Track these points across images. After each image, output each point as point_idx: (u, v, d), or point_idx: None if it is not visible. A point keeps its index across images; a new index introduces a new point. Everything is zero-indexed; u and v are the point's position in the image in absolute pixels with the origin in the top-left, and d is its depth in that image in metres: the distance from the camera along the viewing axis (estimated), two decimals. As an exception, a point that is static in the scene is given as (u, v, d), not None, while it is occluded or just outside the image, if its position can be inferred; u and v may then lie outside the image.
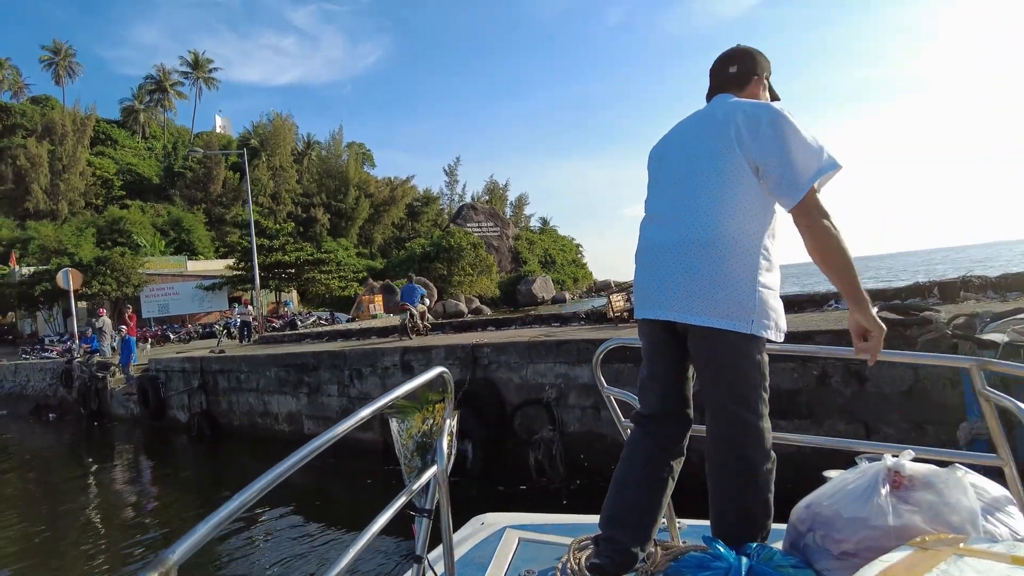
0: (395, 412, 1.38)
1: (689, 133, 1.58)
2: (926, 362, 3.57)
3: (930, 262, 56.47)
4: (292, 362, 8.94)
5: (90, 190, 41.51)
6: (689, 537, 1.73)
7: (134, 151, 50.26)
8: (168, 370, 11.59)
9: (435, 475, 1.29)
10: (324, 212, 46.70)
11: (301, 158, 52.80)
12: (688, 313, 1.44)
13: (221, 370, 10.22)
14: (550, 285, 43.10)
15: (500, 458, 6.27)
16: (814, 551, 1.30)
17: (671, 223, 1.51)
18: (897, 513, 1.19)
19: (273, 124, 50.33)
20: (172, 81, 55.45)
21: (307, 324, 23.14)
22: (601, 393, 1.82)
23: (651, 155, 1.70)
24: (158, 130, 55.02)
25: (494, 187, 61.61)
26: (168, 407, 11.43)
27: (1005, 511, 1.24)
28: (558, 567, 1.57)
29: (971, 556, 0.99)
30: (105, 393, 13.17)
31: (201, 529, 0.66)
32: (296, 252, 29.66)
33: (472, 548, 1.80)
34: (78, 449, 11.29)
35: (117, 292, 26.60)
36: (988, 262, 39.24)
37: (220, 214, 44.03)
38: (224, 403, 10.17)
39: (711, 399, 1.48)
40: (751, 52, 1.65)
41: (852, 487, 1.29)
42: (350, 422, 1.01)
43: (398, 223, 52.00)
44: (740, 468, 1.43)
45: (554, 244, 54.32)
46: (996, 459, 1.36)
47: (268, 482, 0.78)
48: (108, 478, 8.73)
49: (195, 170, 46.49)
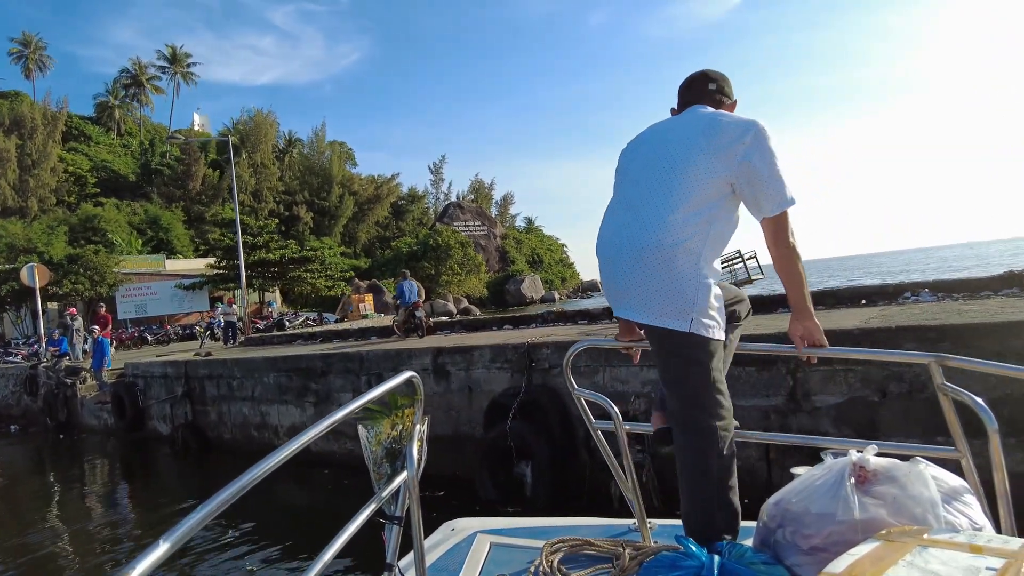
0: (363, 418, 1.35)
1: (664, 135, 1.61)
2: (887, 359, 3.43)
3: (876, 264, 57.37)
4: (296, 366, 7.95)
5: (62, 187, 40.05)
6: (661, 537, 1.73)
7: (109, 148, 48.71)
8: (147, 376, 10.47)
9: (405, 481, 1.26)
10: (307, 210, 45.76)
11: (283, 156, 51.76)
12: (640, 312, 1.53)
13: (209, 375, 9.23)
14: (539, 285, 42.79)
15: (570, 486, 5.27)
16: (784, 547, 1.32)
17: (629, 224, 1.57)
18: (863, 507, 1.22)
19: (254, 120, 49.16)
20: (148, 76, 53.88)
21: (295, 325, 22.38)
22: (572, 395, 1.82)
23: (622, 155, 1.74)
24: (134, 127, 53.48)
25: (479, 186, 60.85)
26: (147, 417, 10.33)
27: (963, 501, 1.28)
28: (530, 571, 1.56)
29: (935, 547, 1.03)
30: (75, 402, 11.92)
31: (163, 544, 0.64)
32: (280, 250, 28.78)
33: (443, 554, 1.77)
34: (43, 465, 10.28)
35: (90, 292, 25.56)
36: (956, 262, 39.80)
37: (199, 212, 42.85)
38: (213, 413, 9.12)
39: (669, 401, 1.59)
40: (725, 77, 1.72)
41: (819, 483, 1.31)
42: (317, 429, 0.97)
43: (382, 222, 51.23)
44: (696, 470, 1.49)
45: (541, 244, 54.01)
46: (954, 452, 1.41)
47: (232, 493, 0.76)
48: (76, 497, 7.95)
49: (173, 167, 45.26)
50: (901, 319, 4.80)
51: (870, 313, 5.76)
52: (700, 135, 1.52)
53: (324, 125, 61.80)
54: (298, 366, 7.98)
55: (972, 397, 1.31)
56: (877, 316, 5.33)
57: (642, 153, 1.64)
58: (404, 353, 6.98)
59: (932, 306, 5.83)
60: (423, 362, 6.66)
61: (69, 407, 12.08)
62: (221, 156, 48.13)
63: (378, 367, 7.11)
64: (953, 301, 6.10)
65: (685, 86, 1.73)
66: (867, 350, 2.48)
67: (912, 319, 4.74)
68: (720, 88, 1.68)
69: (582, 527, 1.87)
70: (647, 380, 5.07)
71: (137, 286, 29.44)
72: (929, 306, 5.87)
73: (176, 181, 44.20)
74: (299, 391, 7.93)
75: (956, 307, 5.43)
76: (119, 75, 53.46)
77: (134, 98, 53.80)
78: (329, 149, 52.48)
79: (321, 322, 23.65)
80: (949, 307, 5.51)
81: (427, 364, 6.60)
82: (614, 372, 5.33)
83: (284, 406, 8.12)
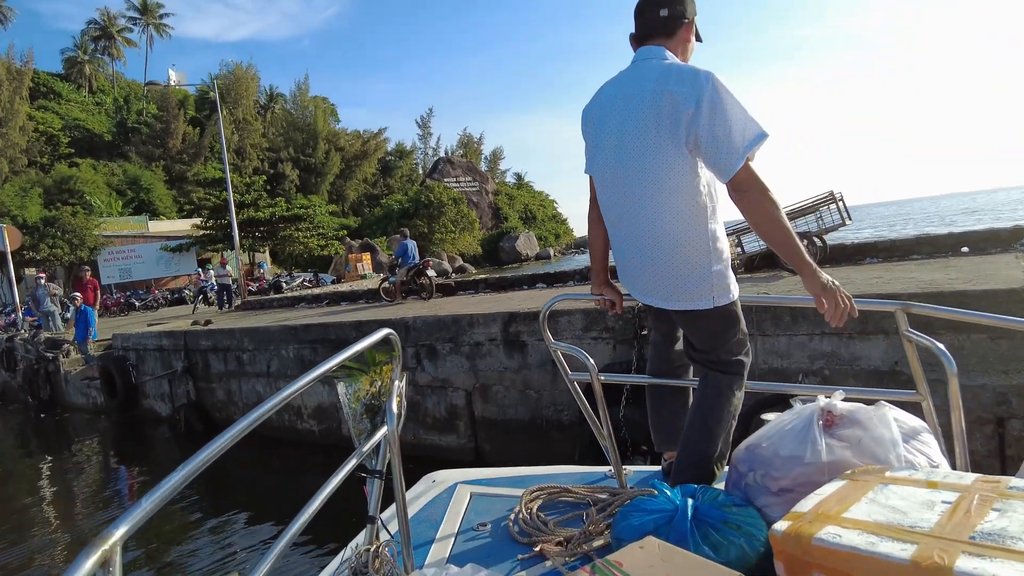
0: (342, 375, 1.37)
1: (622, 106, 1.53)
2: (860, 307, 2.94)
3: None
4: (323, 336, 6.61)
5: (33, 147, 37.42)
6: (636, 483, 1.79)
7: (81, 106, 45.65)
8: (140, 348, 9.16)
9: (385, 436, 1.28)
10: (293, 168, 43.59)
11: (264, 111, 49.03)
12: (661, 300, 1.57)
13: (214, 348, 7.93)
14: (534, 242, 41.38)
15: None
16: (754, 489, 1.36)
17: (624, 220, 1.59)
18: (830, 450, 1.27)
19: (234, 74, 46.05)
20: (119, 27, 50.22)
21: (292, 286, 21.10)
22: (549, 349, 1.82)
23: (584, 120, 1.67)
24: (106, 84, 50.11)
25: (468, 140, 57.85)
26: (142, 396, 9.17)
27: (922, 441, 1.33)
28: (511, 518, 1.61)
29: (895, 484, 1.09)
30: (58, 377, 10.68)
31: (145, 504, 0.65)
32: (270, 208, 27.08)
33: (425, 506, 1.80)
34: (25, 445, 9.30)
35: (70, 256, 24.09)
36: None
37: (181, 172, 40.64)
38: (220, 391, 7.87)
39: (699, 354, 1.65)
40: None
41: (788, 428, 1.36)
42: (294, 387, 0.97)
43: (370, 180, 49.18)
44: (716, 408, 1.59)
45: (533, 199, 52.21)
46: (915, 395, 1.49)
47: (213, 451, 0.77)
48: (61, 479, 7.03)
49: (151, 125, 42.67)
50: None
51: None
52: (646, 116, 1.46)
53: (307, 78, 58.75)
54: (326, 336, 6.58)
55: (933, 342, 1.38)
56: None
57: (603, 122, 1.58)
58: (463, 320, 5.51)
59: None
60: (490, 331, 5.32)
61: (52, 383, 10.83)
62: (201, 113, 45.51)
63: (428, 336, 5.72)
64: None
65: (638, 12, 1.58)
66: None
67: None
68: (673, 13, 1.53)
69: (560, 475, 1.92)
70: (817, 353, 3.83)
71: (120, 249, 28.02)
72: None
73: (155, 139, 41.73)
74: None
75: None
76: (87, 27, 49.81)
77: (104, 51, 50.25)
78: (313, 104, 49.69)
79: (317, 283, 22.39)
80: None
81: (495, 333, 5.27)
82: (769, 343, 3.97)
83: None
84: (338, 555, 1.41)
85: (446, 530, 1.63)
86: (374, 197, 46.92)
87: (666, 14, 1.52)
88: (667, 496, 1.33)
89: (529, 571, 1.38)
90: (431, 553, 1.51)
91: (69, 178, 31.78)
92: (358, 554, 1.27)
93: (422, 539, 1.58)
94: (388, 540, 1.35)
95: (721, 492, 1.38)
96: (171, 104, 42.66)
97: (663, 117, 1.42)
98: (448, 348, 5.59)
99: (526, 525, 1.55)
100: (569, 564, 1.36)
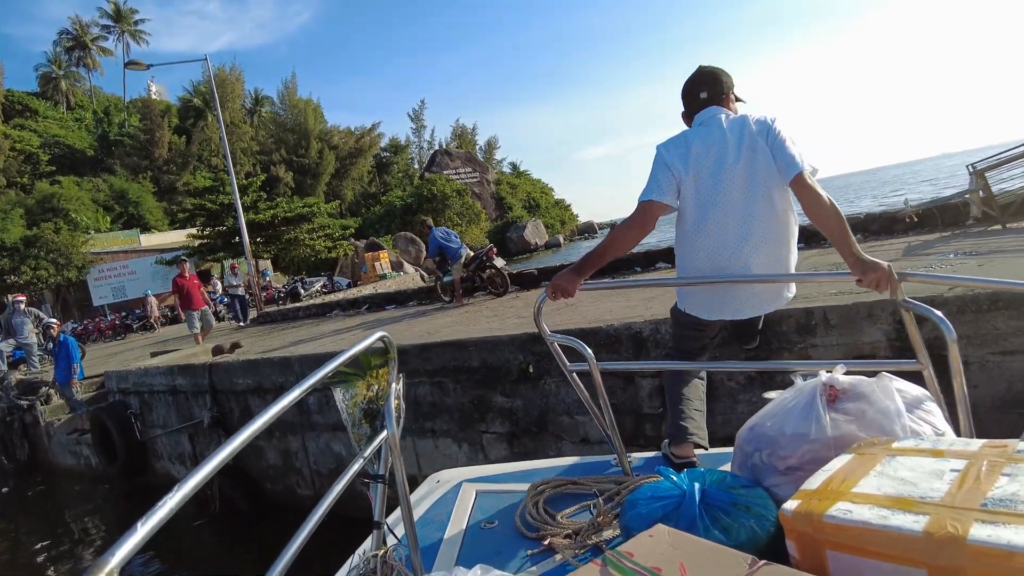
0: (338, 381, 1.37)
1: (726, 146, 1.84)
2: (847, 280, 2.73)
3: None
4: (459, 364, 4.35)
5: (11, 166, 36.81)
6: (641, 470, 1.80)
7: (60, 122, 44.95)
8: (144, 391, 6.91)
9: (386, 439, 1.27)
10: (286, 170, 43.13)
11: (252, 116, 48.44)
12: (769, 304, 1.97)
13: (258, 388, 5.56)
14: (542, 230, 41.35)
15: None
16: (761, 469, 1.35)
17: (751, 234, 1.85)
18: (835, 425, 1.27)
19: (219, 77, 45.38)
20: (92, 36, 49.31)
21: (311, 292, 20.00)
22: (546, 341, 1.80)
23: (672, 155, 1.89)
24: (84, 99, 49.28)
25: (462, 132, 57.51)
26: (152, 455, 7.00)
27: (926, 409, 1.32)
28: (518, 514, 1.60)
29: (902, 455, 1.08)
30: (37, 431, 8.39)
31: (140, 529, 0.64)
32: (271, 210, 25.89)
33: (430, 507, 1.79)
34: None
35: (56, 277, 23.32)
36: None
37: (170, 182, 40.20)
38: (273, 453, 5.57)
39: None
40: (716, 73, 1.96)
41: (792, 405, 1.36)
42: (292, 395, 0.96)
43: (366, 178, 48.77)
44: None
45: (533, 188, 52.03)
46: (916, 364, 1.47)
47: (207, 472, 0.75)
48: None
49: (135, 136, 42.11)
50: None
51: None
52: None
53: (295, 76, 57.88)
54: (467, 364, 4.29)
55: (931, 310, 1.38)
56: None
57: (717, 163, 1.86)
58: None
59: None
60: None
61: (30, 439, 8.53)
62: (185, 121, 44.90)
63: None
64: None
65: (692, 90, 1.98)
66: (832, 273, 2.44)
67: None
68: (716, 91, 1.95)
69: (564, 467, 1.92)
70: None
71: (111, 266, 27.30)
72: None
73: (140, 150, 41.21)
74: (465, 412, 4.36)
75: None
76: (59, 37, 48.85)
77: (79, 62, 49.37)
78: (303, 103, 49.13)
79: (332, 287, 21.50)
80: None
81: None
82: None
83: (435, 439, 4.51)
84: (345, 563, 1.39)
85: (453, 530, 1.61)
86: (371, 196, 46.51)
87: (712, 92, 1.95)
88: (673, 481, 1.31)
89: (540, 566, 1.36)
90: (439, 555, 1.49)
91: (51, 196, 31.15)
92: (365, 560, 1.26)
93: (429, 541, 1.56)
94: (395, 544, 1.33)
95: (728, 474, 1.37)
96: (154, 113, 42.09)
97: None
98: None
99: (533, 520, 1.53)
100: (580, 557, 1.35)
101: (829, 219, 1.63)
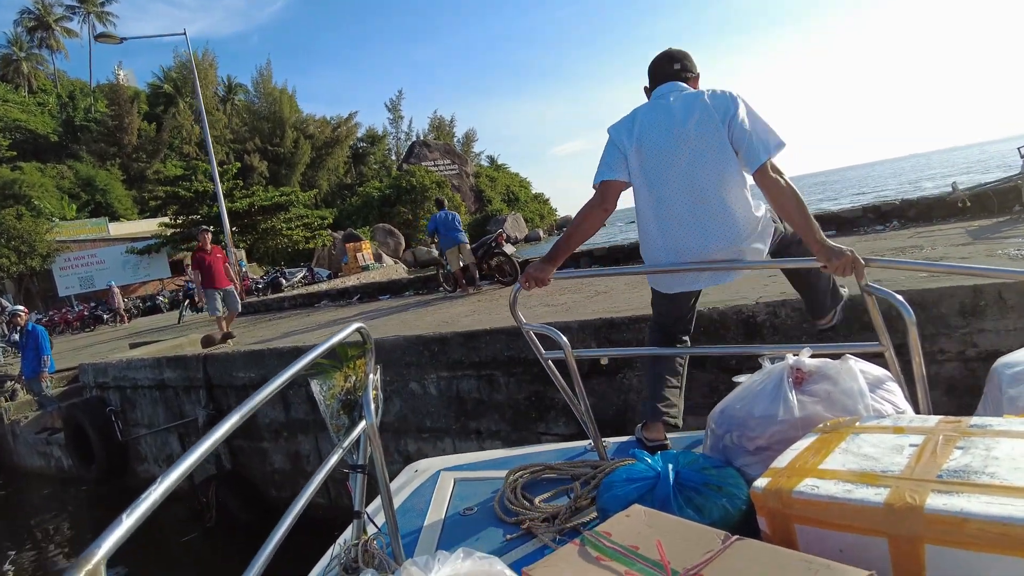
0: (315, 373, 1.37)
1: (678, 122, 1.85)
2: (817, 265, 2.88)
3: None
4: (480, 358, 3.93)
5: (-32, 152, 35.39)
6: (616, 454, 1.84)
7: (21, 106, 43.02)
8: (126, 385, 6.32)
9: (365, 430, 1.28)
10: (260, 159, 42.21)
11: (224, 104, 47.15)
12: (724, 276, 2.03)
13: (261, 382, 3.85)
14: (521, 223, 41.42)
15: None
16: (732, 450, 1.40)
17: (698, 205, 1.88)
18: (802, 405, 1.32)
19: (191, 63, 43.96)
20: (56, 16, 47.32)
21: (292, 283, 19.68)
22: (522, 330, 1.84)
23: (622, 135, 1.93)
24: (47, 83, 47.33)
25: (440, 123, 56.72)
26: (134, 458, 6.41)
27: (887, 389, 1.37)
28: (496, 500, 1.62)
29: (865, 433, 1.13)
30: (1, 429, 7.92)
31: (126, 521, 0.63)
32: (247, 198, 25.24)
33: (409, 496, 1.81)
34: None
35: (19, 266, 22.48)
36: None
37: (140, 170, 38.97)
38: (278, 455, 5.13)
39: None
40: (684, 53, 2.00)
41: (760, 388, 1.40)
42: (268, 390, 0.93)
43: (342, 169, 48.01)
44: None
45: (512, 181, 51.88)
46: (878, 346, 1.54)
47: (190, 464, 0.73)
48: None
49: (102, 122, 40.62)
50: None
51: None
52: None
53: (269, 63, 56.52)
54: (522, 355, 3.73)
55: (891, 294, 1.45)
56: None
57: (670, 142, 1.86)
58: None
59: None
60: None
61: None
62: (155, 108, 43.48)
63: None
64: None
65: (659, 66, 2.00)
66: (800, 260, 2.10)
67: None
68: (687, 65, 1.98)
69: (540, 453, 1.94)
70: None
71: (78, 255, 26.34)
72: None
73: (107, 137, 39.77)
74: (520, 410, 3.86)
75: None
76: (20, 16, 46.80)
77: (42, 44, 47.39)
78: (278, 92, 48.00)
79: (313, 278, 21.21)
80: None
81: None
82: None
83: (480, 441, 4.03)
84: (327, 552, 1.39)
85: (433, 518, 1.63)
86: (348, 187, 45.83)
87: (679, 67, 1.97)
88: (648, 464, 1.34)
89: (519, 549, 1.39)
90: (420, 542, 1.51)
91: (12, 182, 29.77)
92: (347, 549, 1.27)
93: (409, 529, 1.58)
94: (376, 533, 1.34)
95: (700, 455, 1.41)
96: (123, 99, 40.59)
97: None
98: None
99: (512, 505, 1.56)
100: (558, 539, 1.37)
101: (790, 207, 1.67)
